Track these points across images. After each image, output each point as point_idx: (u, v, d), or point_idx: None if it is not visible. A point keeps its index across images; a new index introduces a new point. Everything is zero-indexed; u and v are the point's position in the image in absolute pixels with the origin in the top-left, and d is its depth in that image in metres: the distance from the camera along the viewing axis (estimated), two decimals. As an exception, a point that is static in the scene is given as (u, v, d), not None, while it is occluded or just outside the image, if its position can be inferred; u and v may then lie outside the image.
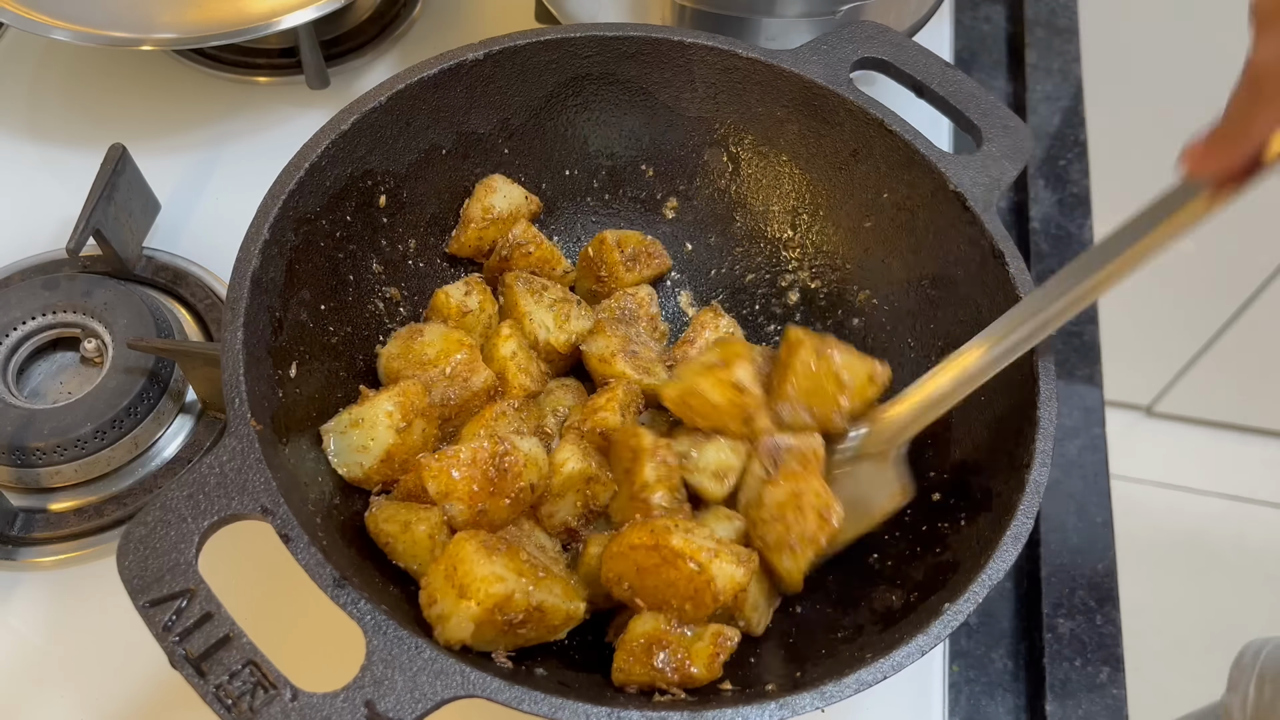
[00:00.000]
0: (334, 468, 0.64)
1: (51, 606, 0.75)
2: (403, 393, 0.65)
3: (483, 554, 0.57)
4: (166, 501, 0.52)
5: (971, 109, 0.75)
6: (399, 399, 0.64)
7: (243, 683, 0.48)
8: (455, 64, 0.72)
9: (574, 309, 0.76)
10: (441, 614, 0.56)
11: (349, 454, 0.64)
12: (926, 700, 0.75)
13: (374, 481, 0.65)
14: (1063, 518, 0.85)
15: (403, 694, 0.49)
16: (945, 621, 0.55)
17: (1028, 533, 0.59)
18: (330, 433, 0.65)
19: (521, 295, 0.75)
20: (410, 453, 0.64)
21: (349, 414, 0.65)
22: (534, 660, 0.60)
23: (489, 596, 0.55)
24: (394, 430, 0.64)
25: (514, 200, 0.79)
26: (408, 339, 0.71)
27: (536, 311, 0.74)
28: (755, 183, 0.82)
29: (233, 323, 0.59)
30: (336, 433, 0.65)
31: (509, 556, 0.58)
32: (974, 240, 0.70)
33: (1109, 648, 0.79)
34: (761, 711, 0.52)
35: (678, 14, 0.90)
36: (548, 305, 0.75)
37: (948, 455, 0.69)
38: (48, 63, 1.05)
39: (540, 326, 0.74)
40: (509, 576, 0.56)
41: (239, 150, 1.00)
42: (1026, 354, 0.64)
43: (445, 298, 0.74)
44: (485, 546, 0.57)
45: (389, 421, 0.64)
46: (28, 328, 0.82)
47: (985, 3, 1.20)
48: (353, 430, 0.64)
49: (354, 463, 0.64)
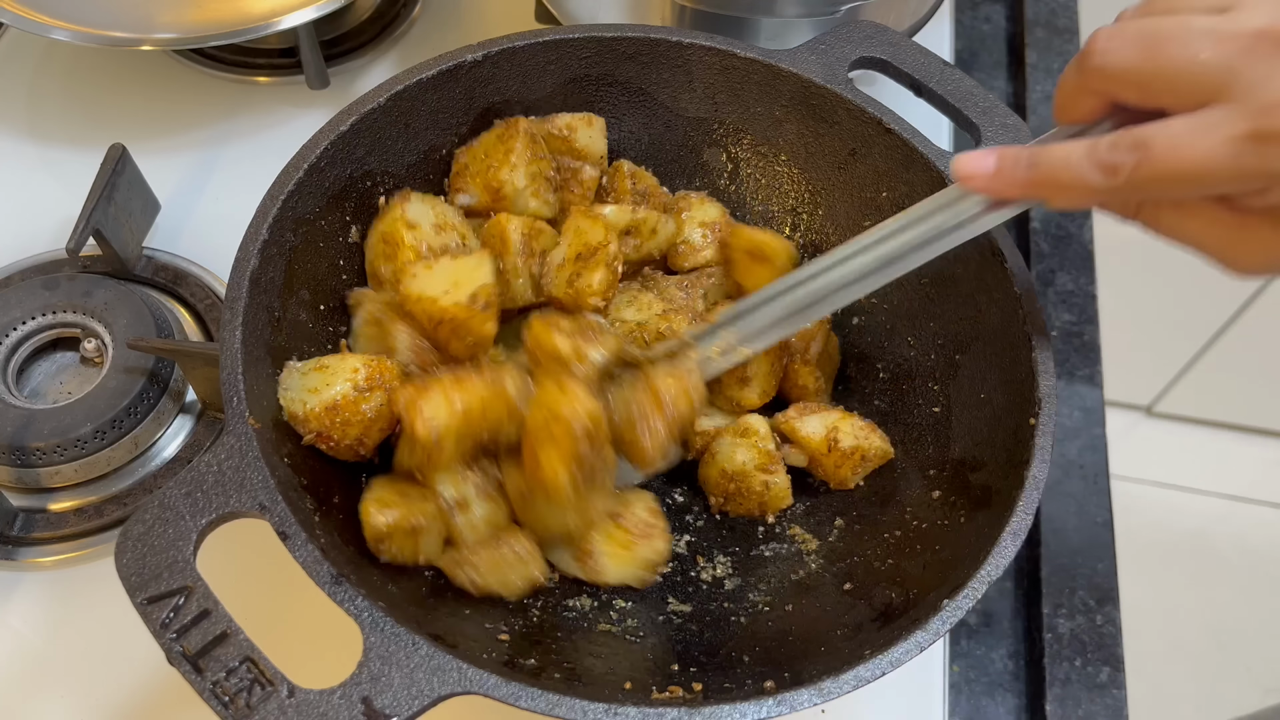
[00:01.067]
0: (277, 397, 0.62)
1: (51, 606, 0.75)
2: (379, 361, 0.64)
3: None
4: (164, 499, 0.52)
5: (970, 107, 0.75)
6: (372, 365, 0.64)
7: (240, 679, 0.48)
8: (454, 65, 0.73)
9: (550, 192, 0.76)
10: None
11: (297, 390, 0.63)
12: (926, 700, 0.75)
13: (310, 426, 0.62)
14: (1063, 518, 0.85)
15: (399, 690, 0.49)
16: (944, 618, 0.55)
17: (1027, 529, 0.59)
18: (294, 368, 0.64)
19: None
20: (356, 415, 0.63)
21: (319, 360, 0.65)
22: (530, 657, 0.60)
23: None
24: (352, 385, 0.63)
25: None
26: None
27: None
28: (754, 183, 0.82)
29: (231, 322, 0.59)
30: (299, 371, 0.64)
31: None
32: (973, 239, 0.70)
33: (1109, 648, 0.79)
34: (760, 708, 0.52)
35: (677, 14, 0.91)
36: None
37: (947, 452, 0.69)
38: (48, 63, 1.05)
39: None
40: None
41: (239, 150, 1.00)
42: (1026, 353, 0.65)
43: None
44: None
45: (351, 377, 0.63)
46: (28, 328, 0.82)
47: (985, 3, 1.20)
48: (314, 373, 0.63)
49: (298, 400, 0.62)
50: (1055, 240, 1.01)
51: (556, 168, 0.78)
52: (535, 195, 0.75)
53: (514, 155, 0.74)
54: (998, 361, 0.68)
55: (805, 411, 0.73)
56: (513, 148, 0.74)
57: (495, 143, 0.75)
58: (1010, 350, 0.67)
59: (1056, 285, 0.98)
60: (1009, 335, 0.67)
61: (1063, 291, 0.98)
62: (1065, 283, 0.98)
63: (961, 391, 0.70)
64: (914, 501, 0.69)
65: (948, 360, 0.72)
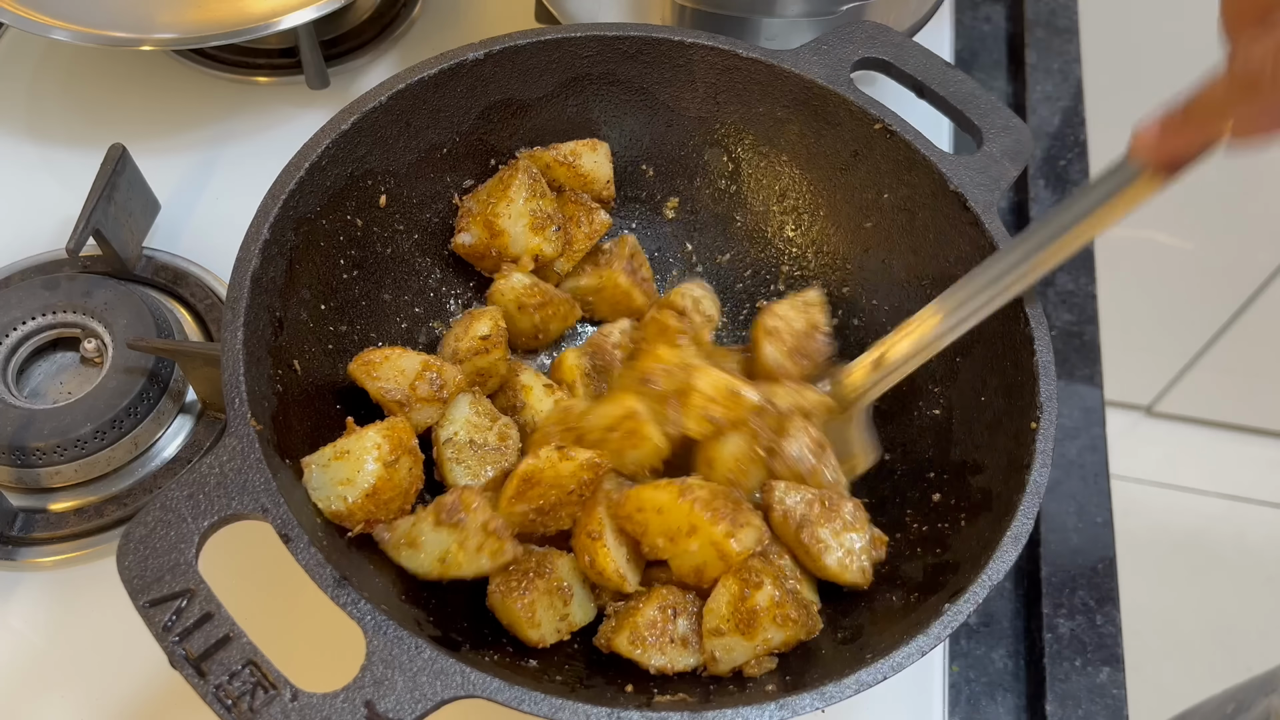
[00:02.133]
0: (313, 500, 0.60)
1: (51, 606, 0.75)
2: (391, 427, 0.62)
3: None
4: (166, 501, 0.52)
5: (971, 109, 0.75)
6: (388, 433, 0.61)
7: (242, 683, 0.48)
8: (455, 64, 0.72)
9: (551, 230, 0.77)
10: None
11: (330, 487, 0.60)
12: (927, 700, 0.75)
13: (356, 519, 0.60)
14: (1063, 518, 0.85)
15: (403, 694, 0.49)
16: (945, 622, 0.55)
17: (1028, 533, 0.59)
18: (312, 464, 0.60)
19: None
20: (395, 490, 0.61)
21: (333, 446, 0.61)
22: (533, 660, 0.60)
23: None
24: (381, 464, 0.60)
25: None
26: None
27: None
28: (755, 183, 0.82)
29: (233, 322, 0.59)
30: (319, 465, 0.60)
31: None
32: (974, 240, 0.70)
33: (1109, 648, 0.79)
34: (761, 712, 0.52)
35: (678, 14, 0.90)
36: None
37: (948, 455, 0.69)
38: (48, 63, 1.05)
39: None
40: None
41: (239, 150, 0.99)
42: (1027, 356, 0.65)
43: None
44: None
45: (377, 454, 0.60)
46: (28, 328, 0.82)
47: (985, 3, 1.20)
48: (336, 463, 0.60)
49: (336, 496, 0.60)
50: (1056, 241, 1.01)
51: (565, 201, 0.79)
52: (537, 232, 0.76)
53: (512, 191, 0.75)
54: (998, 364, 0.68)
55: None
56: (511, 184, 0.75)
57: (496, 184, 0.76)
58: (1011, 353, 0.66)
59: (1056, 285, 0.98)
60: (1009, 338, 0.67)
61: (1063, 291, 0.98)
62: (1065, 283, 0.98)
63: (962, 394, 0.70)
64: (914, 505, 0.69)
65: (948, 363, 0.72)
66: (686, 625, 0.61)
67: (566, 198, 0.79)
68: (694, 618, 0.61)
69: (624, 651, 0.60)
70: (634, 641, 0.60)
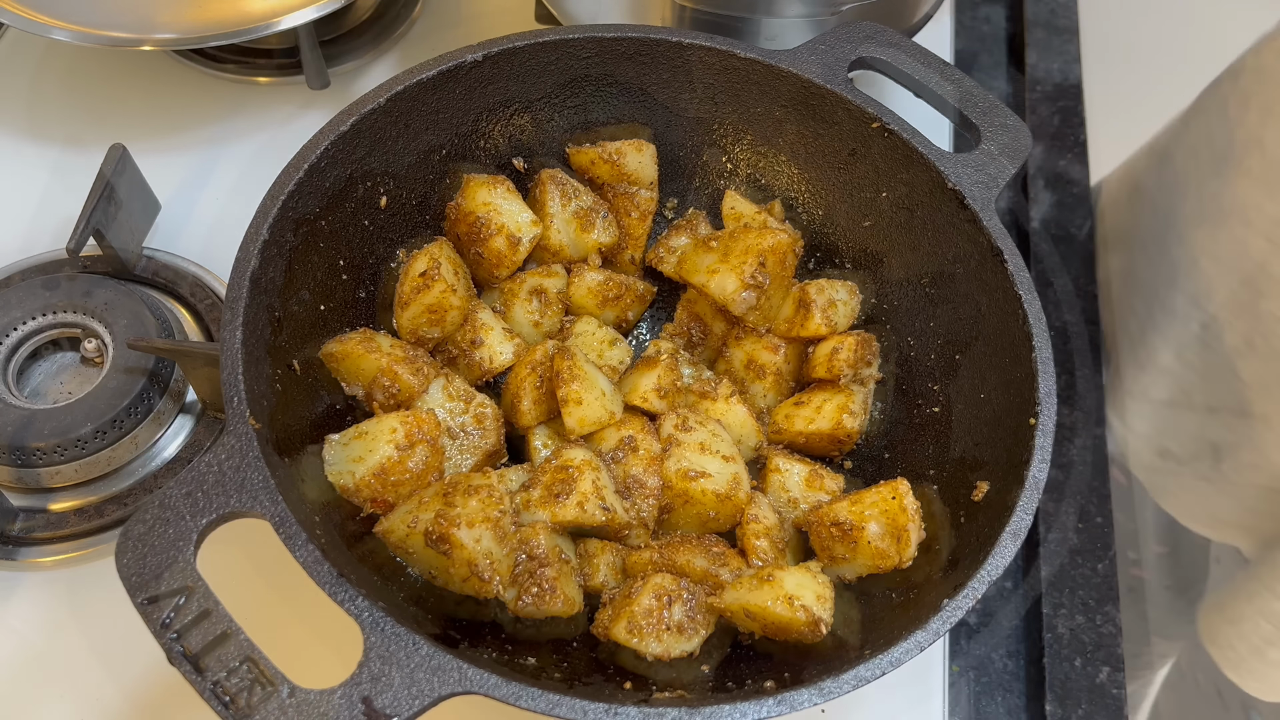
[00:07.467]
0: (326, 474, 0.63)
1: (51, 606, 0.75)
2: (414, 417, 0.65)
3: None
4: (165, 499, 0.52)
5: (970, 108, 0.75)
6: (408, 422, 0.64)
7: (240, 679, 0.48)
8: (454, 65, 0.73)
9: (599, 220, 0.78)
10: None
11: (344, 463, 0.63)
12: (927, 700, 0.75)
13: (363, 495, 0.63)
14: (1063, 518, 0.85)
15: (400, 690, 0.49)
16: (944, 618, 0.55)
17: (1027, 529, 0.59)
18: (334, 442, 0.64)
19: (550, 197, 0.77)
20: (405, 474, 0.63)
21: (356, 427, 0.65)
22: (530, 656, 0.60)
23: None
24: (394, 447, 0.63)
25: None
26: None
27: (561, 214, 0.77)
28: (754, 183, 0.82)
29: (232, 322, 0.59)
30: (340, 442, 0.64)
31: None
32: (973, 238, 0.70)
33: (1109, 648, 0.79)
34: (760, 707, 0.52)
35: (677, 15, 0.90)
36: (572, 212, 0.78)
37: (947, 452, 0.69)
38: (48, 63, 1.05)
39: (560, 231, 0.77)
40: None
41: (239, 150, 1.00)
42: (1026, 353, 0.65)
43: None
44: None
45: (391, 438, 0.63)
46: (28, 328, 0.82)
47: (985, 3, 1.20)
48: (355, 442, 0.64)
49: (346, 471, 0.63)
50: (1055, 240, 1.01)
51: (606, 194, 0.80)
52: (586, 230, 0.77)
53: (550, 205, 0.76)
54: (998, 361, 0.68)
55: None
56: (545, 200, 0.76)
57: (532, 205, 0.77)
58: (1010, 350, 0.66)
59: (1056, 285, 0.98)
60: (1009, 335, 0.67)
61: (1063, 291, 0.98)
62: (1065, 283, 0.98)
63: (961, 391, 0.70)
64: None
65: (948, 360, 0.72)
66: (681, 612, 0.62)
67: (605, 190, 0.80)
68: (688, 605, 0.62)
69: (621, 640, 0.61)
70: (631, 630, 0.61)
